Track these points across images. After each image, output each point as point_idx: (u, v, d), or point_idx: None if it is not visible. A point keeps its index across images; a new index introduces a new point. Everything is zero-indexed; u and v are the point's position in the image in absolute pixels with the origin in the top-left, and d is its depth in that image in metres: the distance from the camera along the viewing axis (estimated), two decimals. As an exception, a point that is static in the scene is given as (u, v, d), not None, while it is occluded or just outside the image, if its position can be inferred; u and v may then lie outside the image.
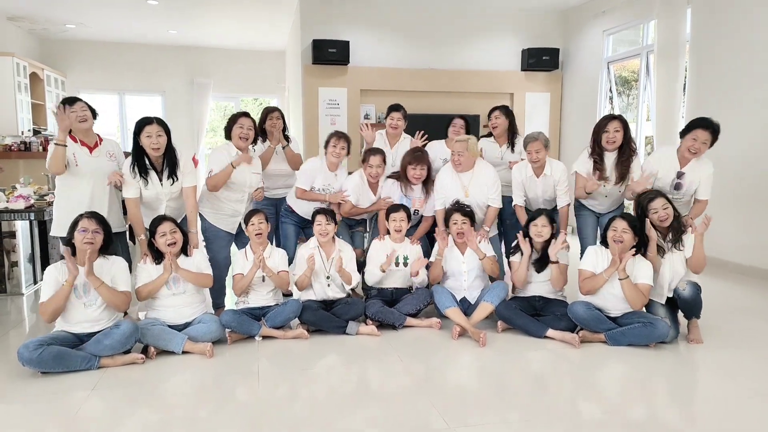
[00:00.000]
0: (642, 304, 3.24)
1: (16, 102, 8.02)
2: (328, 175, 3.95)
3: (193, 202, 3.50)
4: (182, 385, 2.80)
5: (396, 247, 3.73)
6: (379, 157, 3.87)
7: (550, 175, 3.83)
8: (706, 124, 3.45)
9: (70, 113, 3.31)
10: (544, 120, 7.79)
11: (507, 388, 2.77)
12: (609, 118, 3.71)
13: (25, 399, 2.62)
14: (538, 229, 3.50)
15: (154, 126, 3.30)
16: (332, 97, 7.15)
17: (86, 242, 2.93)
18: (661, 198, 3.28)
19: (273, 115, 4.18)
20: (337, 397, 2.65)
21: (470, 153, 3.79)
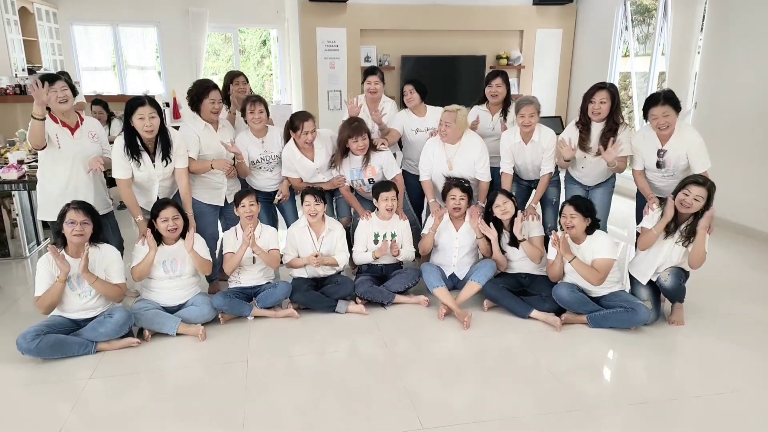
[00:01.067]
0: (599, 280, 3.25)
1: (7, 41, 7.80)
2: (257, 143, 3.77)
3: (185, 183, 3.47)
4: (177, 366, 2.95)
5: (384, 225, 3.73)
6: (312, 122, 3.66)
7: (538, 142, 3.74)
8: (655, 100, 3.34)
9: (50, 93, 3.21)
10: (554, 59, 7.49)
11: (483, 372, 2.88)
12: (597, 87, 3.55)
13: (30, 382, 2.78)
14: (501, 209, 3.50)
15: (146, 107, 3.21)
16: (331, 38, 6.88)
17: (76, 234, 2.96)
18: (704, 189, 3.11)
19: (239, 80, 4.04)
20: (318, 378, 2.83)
21: (458, 125, 3.68)
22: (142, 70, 10.27)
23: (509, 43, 7.35)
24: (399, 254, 3.70)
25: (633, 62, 6.71)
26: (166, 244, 3.29)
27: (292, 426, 2.46)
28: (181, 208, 3.31)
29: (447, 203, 3.66)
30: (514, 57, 7.31)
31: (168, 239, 3.27)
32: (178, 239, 3.31)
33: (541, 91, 7.53)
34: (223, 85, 4.06)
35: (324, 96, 7.02)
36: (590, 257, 3.29)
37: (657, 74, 6.31)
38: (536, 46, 7.36)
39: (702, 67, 5.51)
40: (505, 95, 4.05)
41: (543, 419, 2.48)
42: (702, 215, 3.16)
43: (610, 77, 6.85)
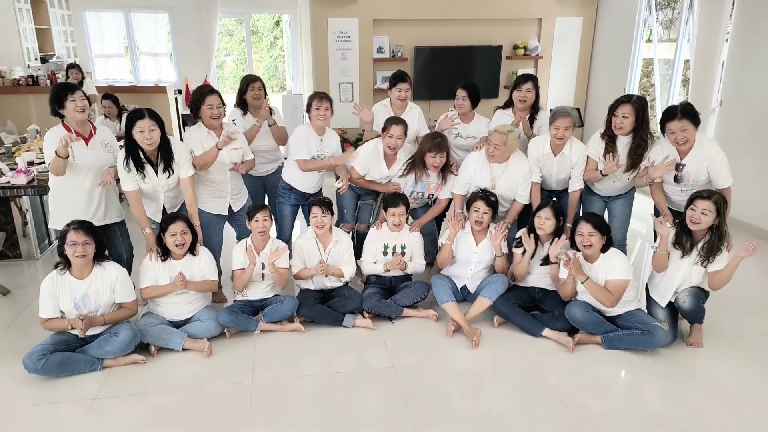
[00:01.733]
0: (611, 302, 3.15)
1: (20, 31, 7.77)
2: (317, 139, 3.76)
3: (191, 192, 3.42)
4: (183, 383, 2.95)
5: (394, 236, 3.66)
6: (401, 128, 3.63)
7: (568, 155, 3.60)
8: (672, 114, 3.20)
9: (69, 102, 3.19)
10: (574, 49, 7.24)
11: (490, 396, 2.83)
12: (621, 101, 3.39)
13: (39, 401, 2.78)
14: (541, 221, 3.37)
15: (146, 120, 3.16)
16: (343, 28, 6.71)
17: (78, 256, 2.94)
18: (711, 203, 2.98)
19: (255, 85, 3.96)
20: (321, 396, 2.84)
21: (507, 148, 3.55)
22: (154, 56, 10.19)
23: (527, 32, 7.11)
24: (406, 267, 3.62)
25: (656, 49, 6.44)
26: (173, 258, 3.25)
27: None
28: (190, 222, 3.27)
29: (469, 215, 3.56)
30: (532, 47, 7.09)
31: (175, 254, 3.23)
32: (186, 254, 3.27)
33: (559, 82, 7.33)
34: (240, 89, 4.00)
35: (335, 88, 6.89)
36: (603, 277, 3.18)
37: (682, 62, 6.07)
38: (555, 35, 7.11)
39: (730, 56, 5.24)
40: (533, 101, 3.89)
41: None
42: (717, 229, 3.03)
43: (632, 65, 6.60)
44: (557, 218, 3.38)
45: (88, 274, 3.02)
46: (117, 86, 8.12)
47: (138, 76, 10.00)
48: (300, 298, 3.53)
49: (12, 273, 4.36)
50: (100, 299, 3.05)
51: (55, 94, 3.21)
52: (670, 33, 6.48)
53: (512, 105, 3.97)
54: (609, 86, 6.98)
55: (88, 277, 3.02)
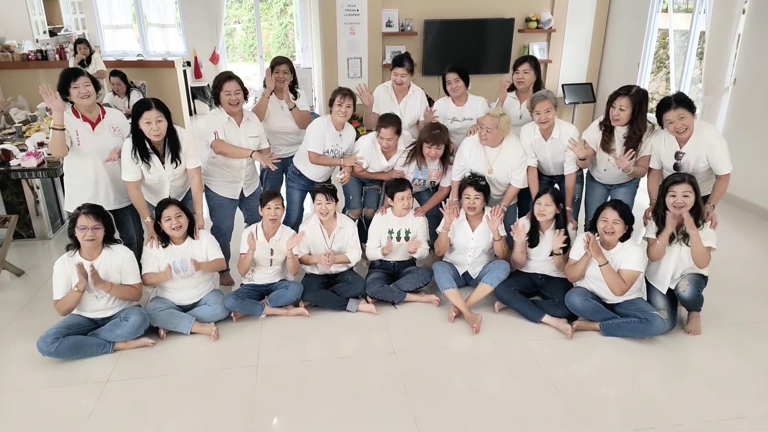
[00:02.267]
0: (622, 291, 3.18)
1: (27, 3, 7.76)
2: (335, 135, 3.79)
3: (198, 182, 3.47)
4: (190, 366, 3.06)
5: (399, 221, 3.69)
6: (392, 129, 3.65)
7: (558, 139, 3.58)
8: (667, 104, 3.18)
9: (73, 89, 3.22)
10: (588, 22, 7.06)
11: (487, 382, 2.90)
12: (619, 93, 3.36)
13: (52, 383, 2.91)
14: (541, 208, 3.39)
15: (153, 112, 3.17)
16: (351, 2, 6.60)
17: (88, 239, 3.02)
18: (687, 184, 3.05)
19: (280, 68, 3.93)
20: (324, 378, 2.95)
21: (500, 131, 3.54)
22: (162, 27, 10.12)
23: (539, 4, 6.94)
24: (415, 251, 3.67)
25: (671, 20, 6.28)
26: (174, 243, 3.32)
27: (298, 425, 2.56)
28: (182, 206, 3.31)
29: (462, 202, 3.58)
30: (545, 20, 6.93)
31: (175, 239, 3.30)
32: (186, 237, 3.33)
33: (573, 56, 7.19)
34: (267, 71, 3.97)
35: (344, 63, 6.83)
36: (617, 266, 3.19)
37: (698, 34, 5.92)
38: (569, 7, 6.93)
39: (746, 30, 5.10)
40: (533, 81, 3.84)
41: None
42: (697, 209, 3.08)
43: (647, 36, 6.45)
44: (557, 204, 3.39)
45: (98, 256, 3.11)
46: (125, 60, 8.11)
47: (147, 48, 9.96)
48: (304, 283, 3.60)
49: (26, 253, 4.47)
50: (109, 279, 3.14)
51: (60, 82, 3.24)
52: (688, 3, 6.30)
53: (515, 88, 3.93)
54: (623, 60, 6.84)
55: (98, 258, 3.11)
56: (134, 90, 6.25)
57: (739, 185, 4.98)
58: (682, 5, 6.43)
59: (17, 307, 3.66)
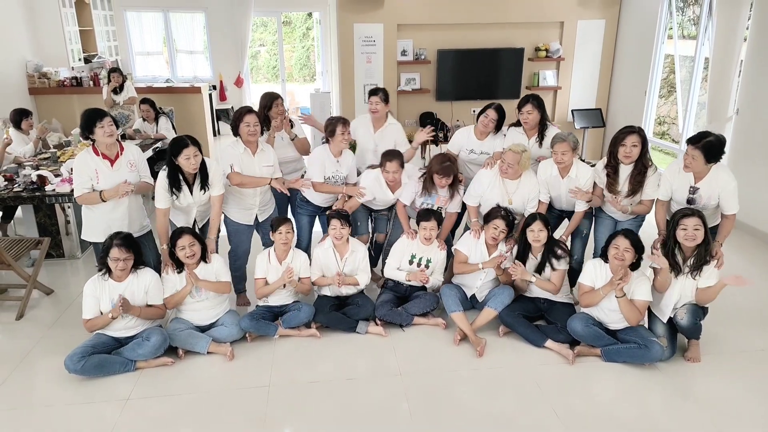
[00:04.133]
0: (637, 320, 3.29)
1: (65, 34, 8.19)
2: (333, 162, 3.96)
3: (217, 208, 3.69)
4: (206, 383, 3.24)
5: (423, 249, 3.85)
6: (396, 163, 3.83)
7: (575, 178, 3.72)
8: (696, 140, 3.30)
9: (98, 129, 3.42)
10: (596, 50, 7.22)
11: (488, 406, 3.00)
12: (627, 131, 3.51)
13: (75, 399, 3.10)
14: (535, 235, 3.52)
15: (191, 148, 3.42)
16: (368, 33, 6.87)
17: (120, 270, 3.26)
18: (697, 218, 3.15)
19: (278, 101, 4.16)
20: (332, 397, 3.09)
21: (520, 167, 3.71)
22: (190, 54, 10.57)
23: (548, 34, 7.12)
24: (428, 281, 3.81)
25: (676, 46, 6.39)
26: (188, 269, 3.51)
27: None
28: (196, 234, 3.50)
29: (486, 229, 3.70)
30: (554, 49, 7.10)
31: (189, 266, 3.49)
32: (200, 263, 3.52)
33: (581, 84, 7.33)
34: (262, 105, 4.18)
35: (360, 89, 7.07)
36: (628, 296, 3.28)
37: (702, 59, 6.02)
38: (577, 37, 7.10)
39: (748, 57, 5.22)
40: (538, 120, 3.99)
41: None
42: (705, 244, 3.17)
43: (654, 62, 6.59)
44: (548, 228, 3.54)
45: (125, 278, 3.33)
46: (155, 87, 8.48)
47: (175, 73, 10.39)
48: (316, 305, 3.76)
49: (55, 273, 4.72)
50: (135, 300, 3.35)
51: (84, 122, 3.43)
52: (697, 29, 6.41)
53: (521, 124, 4.09)
54: (631, 86, 6.96)
55: (126, 280, 3.33)
56: (162, 116, 6.57)
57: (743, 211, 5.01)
58: (688, 32, 6.55)
59: (46, 325, 3.89)
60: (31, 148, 5.58)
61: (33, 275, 4.13)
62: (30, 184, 4.62)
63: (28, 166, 5.11)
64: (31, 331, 3.82)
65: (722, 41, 5.28)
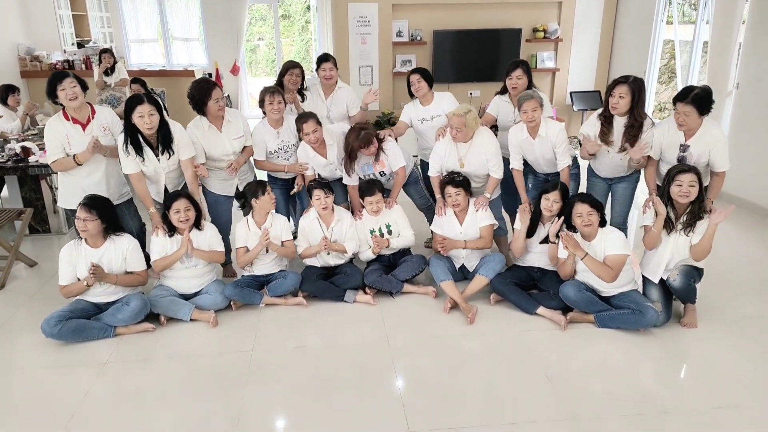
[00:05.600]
0: (612, 277, 3.17)
1: (56, 18, 8.11)
2: (273, 133, 3.84)
3: (191, 173, 3.54)
4: (188, 351, 3.14)
5: (376, 219, 3.76)
6: (312, 121, 3.68)
7: (545, 137, 3.62)
8: (683, 95, 3.22)
9: (60, 91, 3.29)
10: (595, 31, 7.13)
11: (479, 373, 2.90)
12: (618, 81, 3.43)
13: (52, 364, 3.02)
14: (549, 204, 3.41)
15: (145, 105, 3.27)
16: (362, 13, 6.79)
17: (81, 230, 3.15)
18: (693, 174, 3.08)
19: (294, 71, 4.14)
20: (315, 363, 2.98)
21: (468, 129, 3.62)
22: (186, 41, 10.45)
23: (546, 15, 7.03)
24: (389, 244, 3.72)
25: (677, 30, 6.30)
26: (180, 234, 3.42)
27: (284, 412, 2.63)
28: (192, 199, 3.42)
29: (446, 201, 3.66)
30: (551, 30, 7.01)
31: (182, 231, 3.41)
32: (192, 229, 3.43)
33: (580, 65, 7.23)
34: (280, 72, 4.21)
35: (355, 71, 6.98)
36: (602, 253, 3.21)
37: (701, 43, 5.94)
38: (575, 17, 7.01)
39: (747, 39, 5.14)
40: (526, 86, 3.90)
41: (528, 427, 2.50)
42: (699, 200, 3.09)
43: (652, 46, 6.49)
44: (563, 201, 3.42)
45: (101, 245, 3.23)
46: (148, 70, 8.40)
47: (171, 61, 10.29)
48: (304, 274, 3.67)
49: (40, 246, 4.65)
50: (113, 267, 3.26)
51: (47, 86, 3.30)
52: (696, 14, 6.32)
53: (508, 91, 4.01)
54: (630, 69, 6.78)
55: (102, 246, 3.23)
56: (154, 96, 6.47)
57: (742, 184, 5.03)
58: (686, 18, 6.46)
59: (27, 296, 3.80)
60: (18, 125, 5.50)
61: (15, 245, 4.05)
62: (14, 156, 4.53)
63: (13, 140, 5.02)
64: (11, 299, 3.74)
65: (720, 24, 5.20)
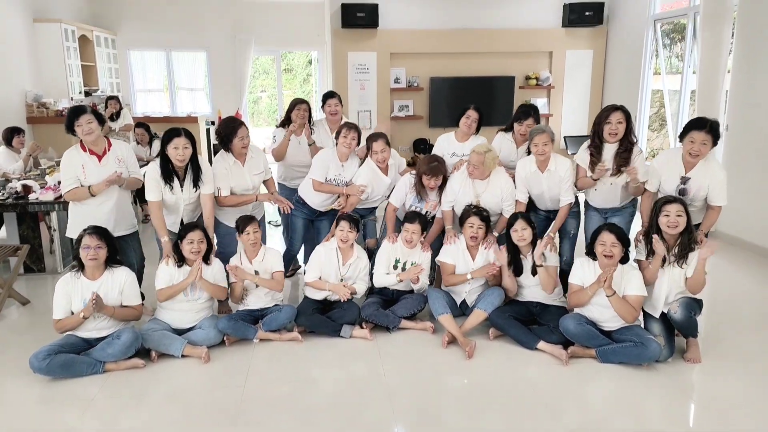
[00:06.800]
0: (633, 317, 3.13)
1: (66, 67, 8.34)
2: (338, 165, 3.97)
3: (210, 208, 3.63)
4: (177, 388, 3.04)
5: (407, 252, 3.73)
6: (382, 141, 3.85)
7: (554, 171, 3.66)
8: (701, 124, 3.24)
9: (77, 127, 3.43)
10: (586, 78, 7.34)
11: (478, 409, 2.80)
12: (611, 108, 3.50)
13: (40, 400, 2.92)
14: (519, 234, 3.42)
15: (182, 139, 3.42)
16: (361, 61, 7.00)
17: (90, 258, 3.13)
18: (679, 204, 3.10)
19: (301, 106, 4.30)
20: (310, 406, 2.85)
21: (485, 167, 3.67)
22: (191, 91, 10.74)
23: (538, 63, 7.26)
24: (418, 282, 3.67)
25: (665, 81, 6.49)
26: (188, 266, 3.40)
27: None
28: (206, 232, 3.44)
29: (464, 231, 3.62)
30: (543, 77, 7.23)
31: (191, 262, 3.38)
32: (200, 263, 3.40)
33: (572, 111, 7.42)
34: (288, 108, 4.38)
35: (354, 115, 7.14)
36: (619, 292, 3.14)
37: (689, 92, 6.10)
38: (566, 66, 7.25)
39: (732, 87, 5.30)
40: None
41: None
42: (688, 232, 3.09)
43: (641, 95, 6.68)
44: (532, 226, 3.44)
45: (99, 276, 3.21)
46: (152, 117, 8.58)
47: (175, 109, 10.53)
48: (299, 307, 3.61)
49: (34, 286, 4.58)
50: (109, 300, 3.21)
51: (67, 119, 3.47)
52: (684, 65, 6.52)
53: (512, 130, 4.09)
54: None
55: (99, 278, 3.21)
56: (156, 140, 6.61)
57: (736, 223, 5.06)
58: (680, 68, 6.66)
59: (18, 332, 3.73)
60: (21, 166, 5.56)
61: (9, 281, 4.01)
62: (14, 193, 4.56)
63: (15, 179, 5.07)
64: (1, 336, 3.66)
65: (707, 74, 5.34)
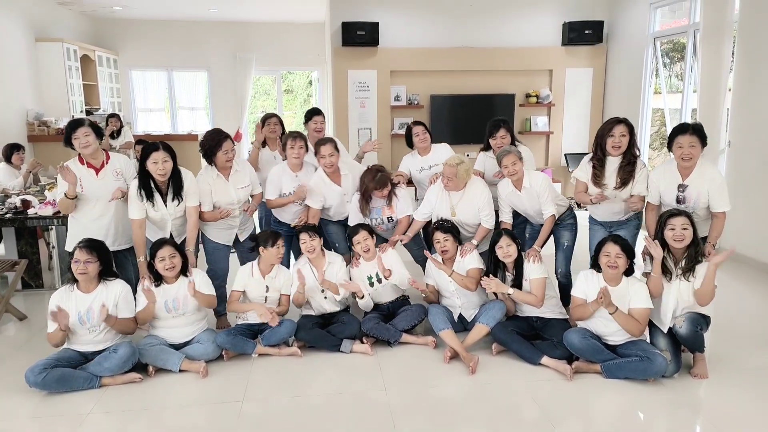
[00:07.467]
0: (640, 331, 3.09)
1: (67, 86, 8.39)
2: (292, 177, 3.93)
3: (194, 220, 3.57)
4: (174, 404, 2.98)
5: (372, 265, 3.70)
6: (330, 145, 3.82)
7: (530, 188, 3.66)
8: (683, 129, 3.26)
9: (74, 140, 3.41)
10: (586, 96, 7.36)
11: (482, 425, 2.74)
12: (615, 121, 3.48)
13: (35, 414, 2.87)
14: (504, 251, 3.40)
15: (160, 153, 3.37)
16: (362, 79, 7.04)
17: (80, 272, 3.09)
18: (685, 217, 3.05)
19: (271, 120, 4.28)
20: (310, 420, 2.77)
21: (459, 179, 3.69)
22: (192, 110, 10.82)
23: (538, 81, 7.30)
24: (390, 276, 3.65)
25: (666, 100, 6.52)
26: (166, 283, 3.34)
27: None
28: (177, 246, 3.37)
29: (435, 248, 3.65)
30: (544, 95, 7.26)
31: (168, 278, 3.33)
32: (179, 277, 3.36)
33: (573, 128, 7.44)
34: (260, 123, 4.37)
35: (354, 133, 7.16)
36: (625, 305, 3.10)
37: (689, 111, 6.10)
38: (566, 84, 7.28)
39: (734, 105, 5.30)
40: (509, 143, 4.00)
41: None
42: (695, 244, 3.04)
43: (642, 114, 6.69)
44: (516, 241, 3.43)
45: (93, 289, 3.17)
46: (153, 135, 8.59)
47: (176, 128, 10.58)
48: (299, 322, 3.56)
49: (31, 301, 4.54)
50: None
51: (65, 133, 3.47)
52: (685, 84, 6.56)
53: (491, 148, 4.10)
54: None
55: (93, 291, 3.16)
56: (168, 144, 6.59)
57: (739, 239, 4.98)
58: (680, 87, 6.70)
59: (15, 347, 3.68)
60: (21, 182, 5.55)
61: (6, 295, 3.97)
62: (13, 208, 4.54)
63: (14, 195, 5.05)
64: (-3, 351, 3.61)
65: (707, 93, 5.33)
